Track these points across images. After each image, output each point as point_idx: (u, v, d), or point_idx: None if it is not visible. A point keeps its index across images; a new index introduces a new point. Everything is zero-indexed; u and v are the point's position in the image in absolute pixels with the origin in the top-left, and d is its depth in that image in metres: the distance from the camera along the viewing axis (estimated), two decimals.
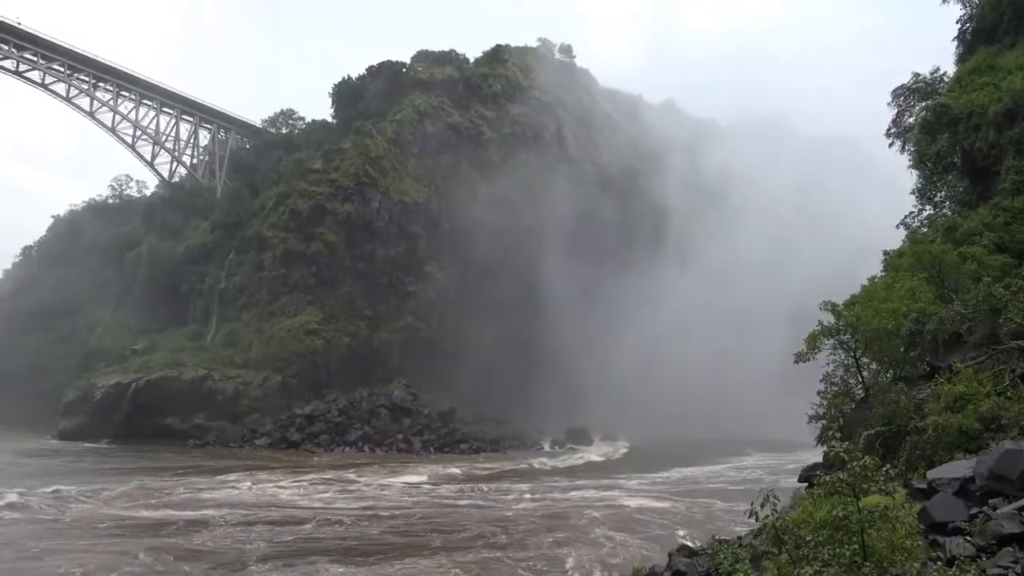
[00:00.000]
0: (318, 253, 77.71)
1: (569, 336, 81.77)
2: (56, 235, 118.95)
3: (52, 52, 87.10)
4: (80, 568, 21.18)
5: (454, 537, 27.37)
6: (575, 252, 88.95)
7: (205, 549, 24.29)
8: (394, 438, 66.25)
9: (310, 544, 25.66)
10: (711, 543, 15.88)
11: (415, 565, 23.31)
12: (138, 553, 23.25)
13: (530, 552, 25.04)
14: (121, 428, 67.19)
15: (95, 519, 28.54)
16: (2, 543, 24.24)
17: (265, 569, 22.05)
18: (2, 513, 29.04)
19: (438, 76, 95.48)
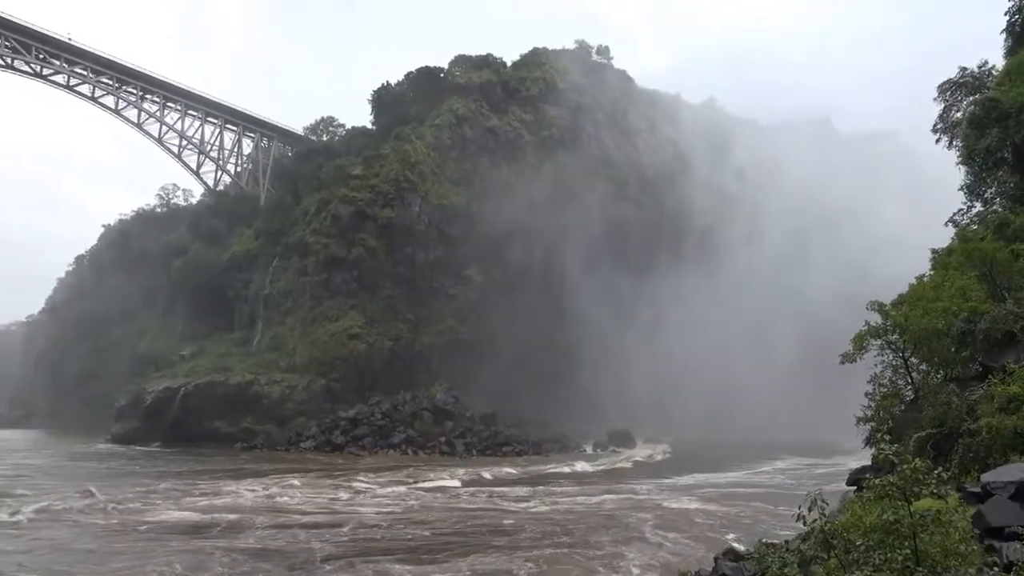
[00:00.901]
0: (359, 258, 78.52)
1: (609, 339, 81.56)
2: (106, 244, 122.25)
3: (101, 66, 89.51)
4: (170, 569, 21.51)
5: (516, 537, 27.55)
6: (614, 254, 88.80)
7: (272, 549, 24.60)
8: (437, 441, 66.63)
9: (372, 544, 25.89)
10: (758, 547, 15.72)
11: (484, 562, 23.59)
12: (213, 552, 23.62)
13: (594, 550, 25.27)
14: (171, 432, 68.70)
15: (159, 520, 29.01)
16: (80, 546, 24.59)
17: (334, 568, 22.26)
18: (70, 516, 29.53)
19: (475, 80, 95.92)
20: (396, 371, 74.30)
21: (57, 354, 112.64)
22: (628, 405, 78.42)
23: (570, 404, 76.08)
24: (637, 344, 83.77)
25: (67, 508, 30.99)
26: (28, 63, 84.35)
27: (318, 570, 22.03)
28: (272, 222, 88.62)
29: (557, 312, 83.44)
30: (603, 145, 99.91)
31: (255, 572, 21.56)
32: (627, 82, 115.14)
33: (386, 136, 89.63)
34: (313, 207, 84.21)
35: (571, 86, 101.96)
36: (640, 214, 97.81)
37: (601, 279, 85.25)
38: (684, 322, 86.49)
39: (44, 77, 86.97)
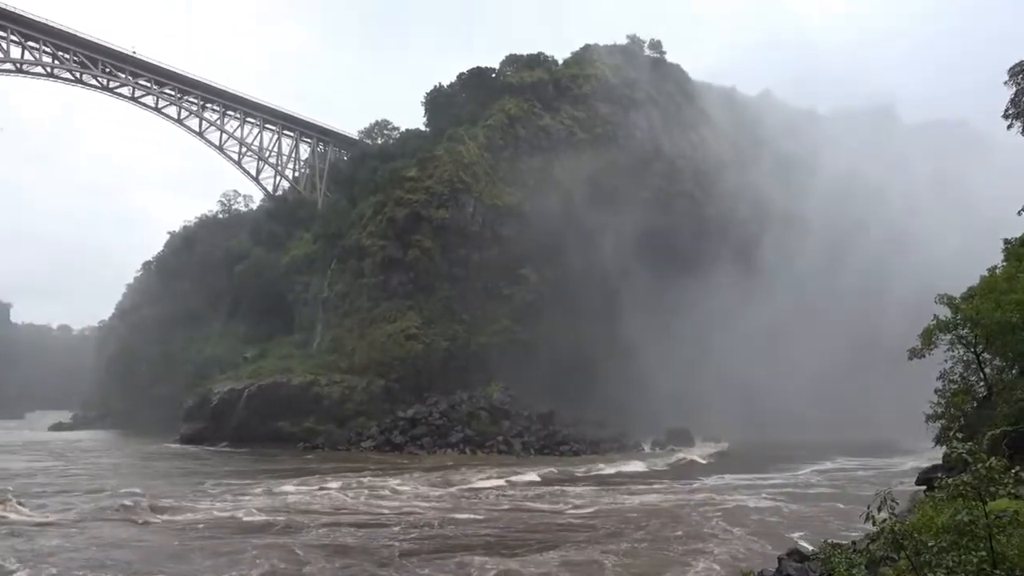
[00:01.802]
0: (415, 259, 79.21)
1: (665, 337, 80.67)
2: (172, 250, 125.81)
3: (164, 77, 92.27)
4: (267, 565, 21.89)
5: (590, 533, 27.65)
6: (668, 251, 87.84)
7: (350, 546, 24.98)
8: (494, 440, 66.89)
9: (447, 540, 26.23)
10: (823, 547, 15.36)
11: (568, 556, 23.81)
12: (294, 549, 24.07)
13: (669, 546, 25.46)
14: (237, 432, 70.40)
15: (234, 518, 29.67)
16: (163, 545, 25.07)
17: (418, 563, 22.56)
18: (152, 516, 30.23)
19: (527, 80, 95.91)
20: (453, 371, 74.76)
21: (127, 357, 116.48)
22: (685, 404, 77.61)
23: (627, 403, 75.50)
24: (693, 343, 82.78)
25: (143, 507, 31.76)
26: (95, 77, 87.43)
27: (402, 565, 22.24)
28: (329, 226, 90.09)
29: (612, 310, 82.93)
30: (657, 141, 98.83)
31: (346, 568, 21.80)
32: (681, 76, 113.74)
33: (439, 138, 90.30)
34: (369, 210, 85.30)
35: (624, 82, 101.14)
36: (695, 210, 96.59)
37: (656, 277, 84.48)
38: (740, 320, 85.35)
39: (111, 90, 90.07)
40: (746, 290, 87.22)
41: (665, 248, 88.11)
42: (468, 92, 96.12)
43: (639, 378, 77.08)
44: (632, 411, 75.15)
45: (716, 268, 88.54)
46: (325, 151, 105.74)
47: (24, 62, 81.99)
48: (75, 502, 32.65)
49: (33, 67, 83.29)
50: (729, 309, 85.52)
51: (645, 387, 76.85)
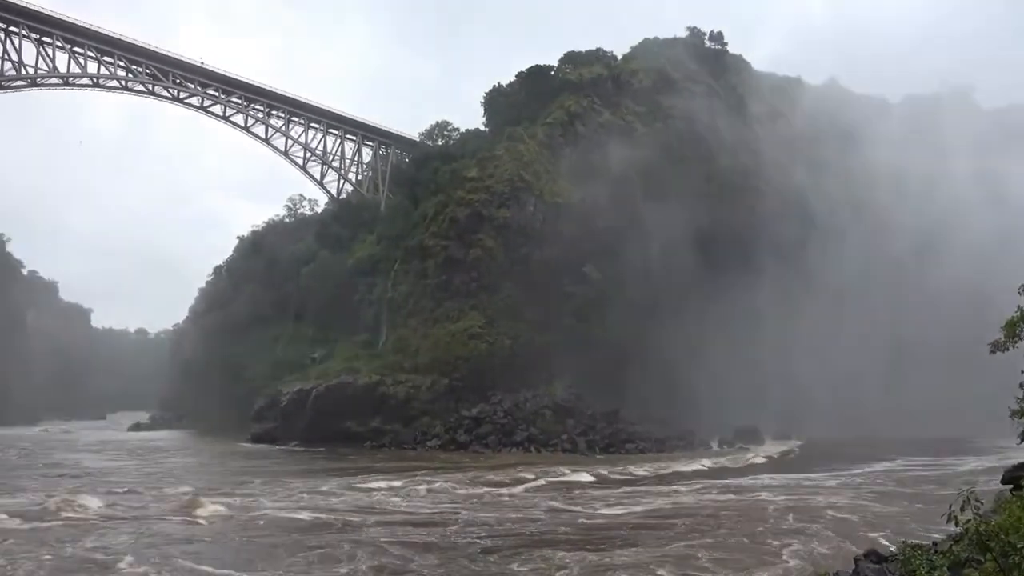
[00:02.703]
0: (477, 259, 79.48)
1: (734, 334, 79.18)
2: (241, 255, 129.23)
3: (230, 86, 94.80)
4: (366, 560, 22.10)
5: (672, 530, 27.48)
6: (736, 246, 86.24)
7: (433, 542, 25.06)
8: (559, 439, 66.66)
9: (528, 536, 26.13)
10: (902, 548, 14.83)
11: (651, 551, 23.73)
12: (382, 545, 24.22)
13: (751, 544, 25.23)
14: (306, 431, 71.83)
15: (311, 516, 29.88)
16: (248, 543, 25.30)
17: (502, 558, 22.55)
18: (228, 512, 30.78)
19: (586, 76, 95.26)
20: (516, 370, 74.67)
21: (200, 359, 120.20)
22: (753, 402, 76.13)
23: (692, 401, 74.27)
24: (761, 339, 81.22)
25: (220, 503, 32.52)
26: (166, 88, 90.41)
27: (492, 561, 22.24)
28: (392, 227, 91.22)
29: (674, 307, 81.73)
30: (719, 134, 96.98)
31: (445, 564, 21.91)
32: (742, 67, 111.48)
33: (499, 137, 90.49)
34: (431, 210, 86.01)
35: (684, 75, 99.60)
36: (765, 204, 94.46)
37: (717, 272, 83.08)
38: (809, 316, 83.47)
39: (181, 100, 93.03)
40: (822, 284, 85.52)
41: (726, 243, 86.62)
42: (527, 91, 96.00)
43: (704, 376, 75.82)
44: (698, 409, 73.98)
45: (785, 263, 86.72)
46: (387, 153, 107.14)
47: (100, 76, 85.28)
48: (153, 499, 33.58)
49: (109, 81, 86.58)
50: (784, 305, 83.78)
51: (710, 385, 75.62)
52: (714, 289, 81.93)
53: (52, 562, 21.13)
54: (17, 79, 78.34)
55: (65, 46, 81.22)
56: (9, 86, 78.52)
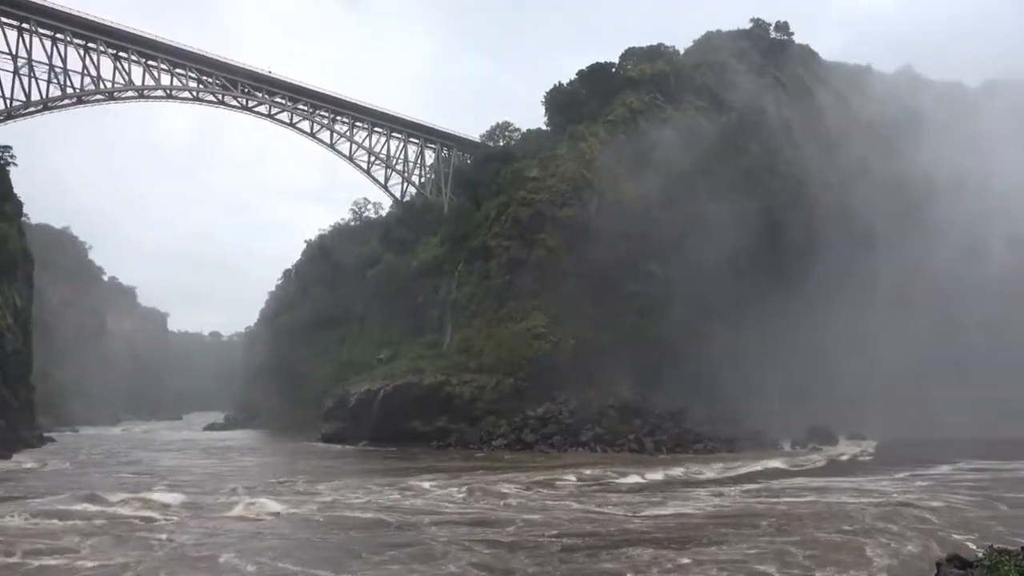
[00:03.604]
0: (540, 258, 79.32)
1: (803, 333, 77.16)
2: (309, 258, 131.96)
3: (297, 93, 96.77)
4: (456, 560, 22.08)
5: (756, 529, 27.15)
6: (805, 241, 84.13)
7: (515, 540, 24.90)
8: (625, 439, 66.06)
9: (606, 536, 25.85)
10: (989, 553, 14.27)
11: (738, 550, 23.54)
12: (464, 543, 24.27)
13: (841, 541, 24.90)
14: (374, 431, 72.77)
15: (394, 515, 29.94)
16: (336, 542, 25.35)
17: (583, 558, 22.42)
18: (300, 511, 31.02)
19: (648, 72, 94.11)
20: (581, 369, 74.19)
21: (272, 361, 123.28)
22: (824, 401, 74.18)
23: (763, 400, 72.57)
24: (833, 337, 78.95)
25: (306, 503, 32.94)
26: (235, 97, 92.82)
27: (580, 560, 22.09)
28: (455, 228, 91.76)
29: (739, 304, 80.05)
30: (787, 126, 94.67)
31: (532, 563, 21.85)
32: (810, 57, 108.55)
33: (561, 136, 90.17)
34: (493, 211, 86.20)
35: (749, 67, 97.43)
36: (832, 197, 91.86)
37: (783, 268, 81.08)
38: (871, 314, 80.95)
39: (249, 109, 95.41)
40: (862, 282, 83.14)
41: (787, 237, 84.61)
42: (588, 88, 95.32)
43: (767, 375, 74.08)
44: (764, 409, 72.28)
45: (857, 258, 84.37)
46: (449, 155, 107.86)
47: (173, 88, 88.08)
48: (232, 497, 34.23)
49: (181, 92, 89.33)
50: (847, 302, 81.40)
51: (773, 385, 73.87)
52: (775, 284, 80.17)
53: (148, 559, 21.54)
54: (96, 93, 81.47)
55: (140, 60, 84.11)
56: (89, 100, 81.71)
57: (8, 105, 74.62)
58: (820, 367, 76.33)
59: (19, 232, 74.21)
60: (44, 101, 77.18)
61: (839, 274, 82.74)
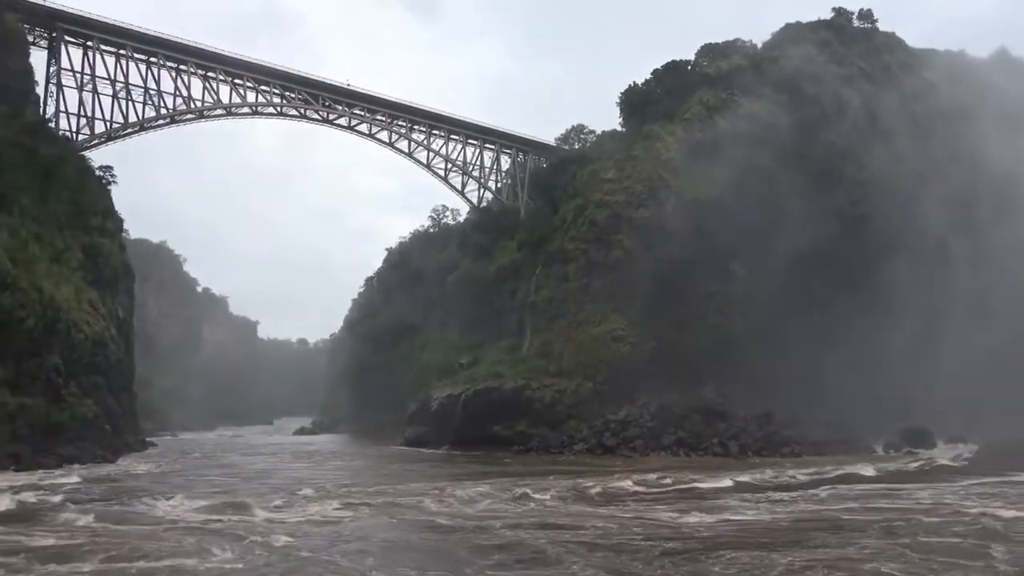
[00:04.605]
0: (618, 260, 78.80)
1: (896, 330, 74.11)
2: (390, 265, 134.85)
3: (375, 105, 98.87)
4: (567, 564, 21.99)
5: (861, 533, 26.52)
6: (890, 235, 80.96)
7: (617, 543, 24.75)
8: (709, 442, 64.95)
9: (703, 538, 25.65)
10: None
11: (850, 551, 23.22)
12: (566, 544, 24.27)
13: (958, 545, 24.16)
14: (456, 435, 73.55)
15: (490, 519, 29.98)
16: (435, 541, 25.54)
17: (683, 560, 22.29)
18: (414, 517, 30.95)
19: (724, 68, 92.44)
20: (661, 371, 73.27)
21: (355, 367, 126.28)
22: (920, 402, 70.81)
23: (848, 402, 69.80)
24: (914, 337, 75.41)
25: (398, 506, 33.26)
26: (317, 111, 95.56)
27: (679, 564, 21.94)
28: (532, 232, 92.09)
29: (826, 301, 77.50)
30: (873, 117, 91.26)
31: (643, 566, 21.83)
32: (896, 45, 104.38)
33: (636, 136, 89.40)
34: (570, 214, 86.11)
35: (831, 58, 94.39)
36: (919, 189, 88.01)
37: (874, 263, 78.08)
38: (957, 312, 77.03)
39: (330, 121, 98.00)
40: (948, 277, 79.09)
41: (876, 232, 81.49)
42: (663, 87, 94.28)
43: (872, 375, 71.22)
44: (858, 411, 69.63)
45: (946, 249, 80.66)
46: (525, 160, 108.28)
47: (259, 104, 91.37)
48: (325, 500, 34.97)
49: (265, 108, 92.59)
50: (932, 300, 77.51)
51: (879, 384, 71.03)
52: (856, 280, 77.35)
53: (255, 560, 22.14)
54: (187, 113, 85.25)
55: (227, 79, 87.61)
56: (181, 119, 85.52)
57: (109, 127, 78.98)
58: (905, 367, 72.91)
59: (120, 247, 78.06)
60: (140, 122, 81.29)
61: (923, 268, 78.83)
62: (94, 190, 75.03)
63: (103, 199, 76.67)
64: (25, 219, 60.89)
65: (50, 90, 77.30)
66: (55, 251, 63.07)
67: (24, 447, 49.00)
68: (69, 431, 54.98)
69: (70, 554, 22.03)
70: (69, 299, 60.31)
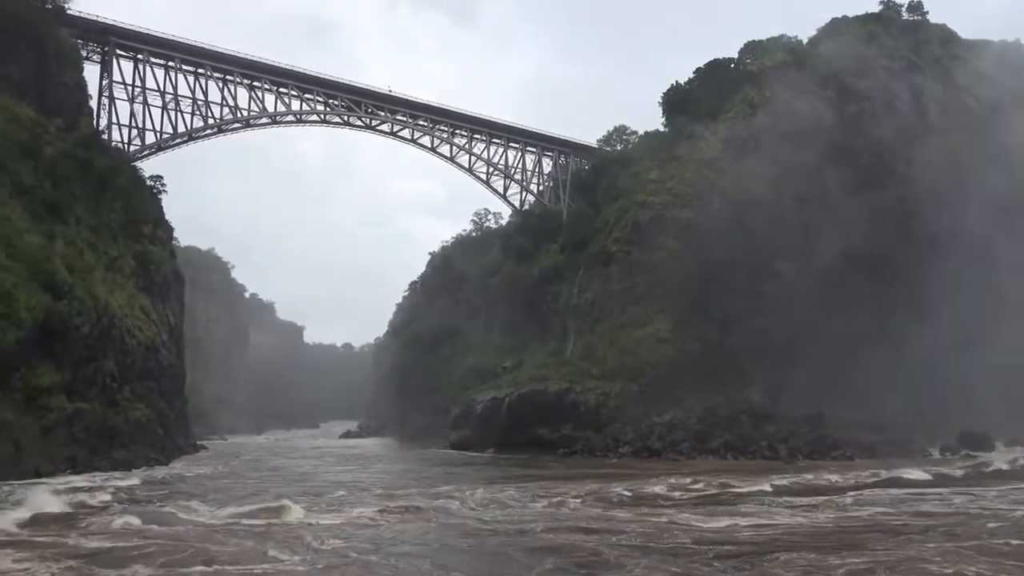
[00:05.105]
0: (662, 262, 78.07)
1: (954, 328, 71.91)
2: (433, 270, 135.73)
3: (417, 110, 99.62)
4: (629, 568, 21.69)
5: (927, 534, 26.12)
6: (950, 230, 78.74)
7: (669, 546, 24.42)
8: (758, 445, 63.93)
9: (774, 540, 25.22)
10: None
11: (911, 554, 22.75)
12: (618, 545, 24.18)
13: None
14: (500, 439, 73.52)
15: (541, 522, 29.69)
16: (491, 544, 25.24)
17: (739, 563, 21.95)
18: (451, 518, 31.06)
19: (768, 64, 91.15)
20: (707, 373, 72.26)
21: (400, 370, 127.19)
22: (973, 404, 68.44)
23: (901, 403, 67.88)
24: (966, 338, 72.94)
25: (444, 508, 33.22)
26: (360, 117, 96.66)
27: (732, 567, 21.64)
28: (575, 235, 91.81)
29: (889, 301, 75.61)
30: (924, 110, 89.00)
31: (706, 569, 21.69)
32: (947, 36, 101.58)
33: (679, 136, 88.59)
34: (613, 216, 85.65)
35: (879, 52, 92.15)
36: (976, 185, 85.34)
37: (927, 260, 76.05)
38: (1010, 310, 74.30)
39: (373, 127, 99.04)
40: (994, 275, 76.52)
41: (928, 229, 79.31)
42: (706, 86, 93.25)
43: (927, 376, 69.24)
44: (907, 413, 67.73)
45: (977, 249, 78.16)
46: (566, 162, 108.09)
47: (303, 112, 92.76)
48: (375, 503, 34.95)
49: (309, 116, 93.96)
50: (980, 298, 74.82)
51: (918, 387, 69.06)
52: (908, 278, 75.38)
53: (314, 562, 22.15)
54: (234, 122, 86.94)
55: (272, 88, 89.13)
56: (228, 129, 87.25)
57: (158, 138, 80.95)
58: (954, 368, 70.56)
59: (171, 255, 79.90)
60: (189, 132, 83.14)
61: (972, 267, 76.25)
62: (145, 199, 76.93)
63: (154, 208, 78.59)
64: (81, 228, 62.56)
65: (103, 103, 79.62)
66: (109, 259, 64.75)
67: (81, 450, 50.19)
68: (123, 435, 56.25)
69: (128, 558, 22.25)
70: (123, 306, 61.85)
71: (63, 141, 65.86)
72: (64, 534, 25.75)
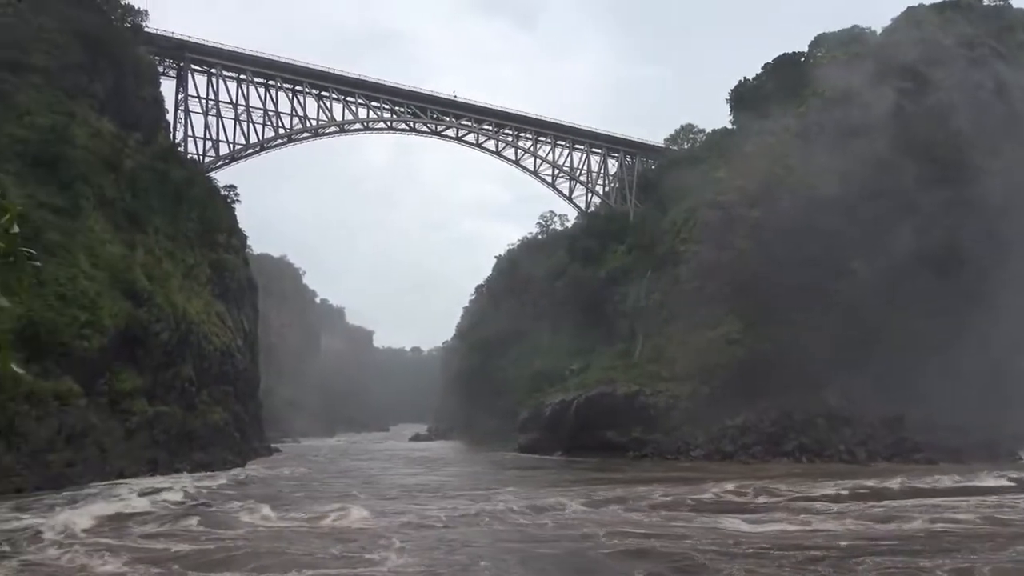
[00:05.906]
0: (732, 261, 76.53)
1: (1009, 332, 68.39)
2: (499, 273, 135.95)
3: (481, 115, 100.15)
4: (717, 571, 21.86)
5: (1008, 541, 25.23)
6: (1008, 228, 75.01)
7: (750, 553, 23.89)
8: (835, 448, 62.20)
9: (857, 545, 24.67)
10: None
11: (994, 556, 22.24)
12: (713, 554, 23.73)
13: None
14: (569, 442, 73.22)
15: (622, 525, 29.47)
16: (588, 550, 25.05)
17: (827, 567, 21.64)
18: (523, 520, 31.21)
19: (841, 58, 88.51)
20: (780, 375, 70.32)
21: (467, 374, 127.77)
22: None
23: (987, 406, 64.77)
24: None
25: (518, 510, 33.26)
26: (425, 123, 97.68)
27: (823, 570, 21.41)
28: (642, 236, 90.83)
29: (966, 298, 72.39)
30: (1010, 101, 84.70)
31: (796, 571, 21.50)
32: None
33: (748, 133, 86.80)
34: (680, 216, 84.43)
35: (958, 40, 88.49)
36: None
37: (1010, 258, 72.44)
38: None
39: (438, 133, 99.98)
40: None
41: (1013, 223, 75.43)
42: (775, 81, 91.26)
43: (993, 378, 66.06)
44: (993, 415, 64.63)
45: None
46: (632, 163, 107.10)
47: (369, 120, 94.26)
48: (452, 505, 35.24)
49: (376, 123, 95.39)
50: None
51: (1002, 389, 65.82)
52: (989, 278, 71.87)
53: (406, 565, 22.35)
54: (303, 132, 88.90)
55: (340, 97, 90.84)
56: (297, 138, 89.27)
57: (232, 149, 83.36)
58: None
59: (245, 262, 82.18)
60: (260, 143, 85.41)
61: None
62: (220, 209, 79.33)
63: (228, 217, 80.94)
64: (159, 238, 64.92)
65: (179, 116, 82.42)
66: (186, 267, 67.03)
67: (161, 453, 51.99)
68: (202, 438, 58.06)
69: (223, 561, 22.57)
70: (199, 312, 63.89)
71: (142, 154, 68.43)
72: (152, 536, 26.51)
